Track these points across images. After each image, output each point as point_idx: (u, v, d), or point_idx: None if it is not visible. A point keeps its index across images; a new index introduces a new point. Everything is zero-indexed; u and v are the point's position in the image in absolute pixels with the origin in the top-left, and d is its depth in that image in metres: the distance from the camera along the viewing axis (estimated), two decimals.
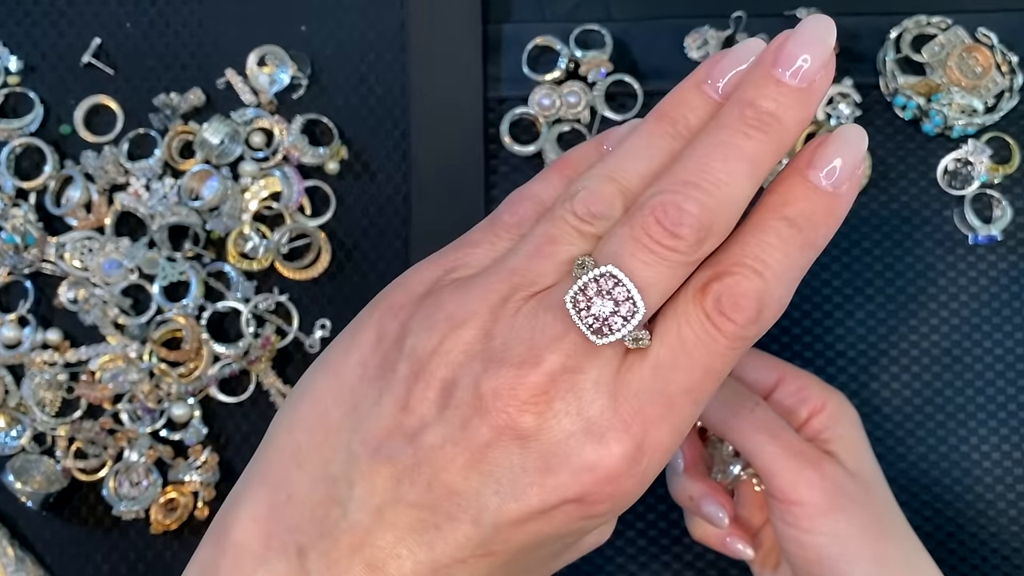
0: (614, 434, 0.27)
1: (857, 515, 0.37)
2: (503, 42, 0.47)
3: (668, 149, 0.29)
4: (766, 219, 0.28)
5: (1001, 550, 0.46)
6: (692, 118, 0.29)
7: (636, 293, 0.26)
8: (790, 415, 0.40)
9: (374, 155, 0.47)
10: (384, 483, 0.27)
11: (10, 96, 0.47)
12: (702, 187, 0.27)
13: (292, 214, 0.46)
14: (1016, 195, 0.46)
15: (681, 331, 0.27)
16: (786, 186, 0.28)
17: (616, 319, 0.27)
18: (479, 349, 0.27)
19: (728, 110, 0.28)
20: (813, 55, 0.27)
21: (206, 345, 0.45)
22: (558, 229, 0.28)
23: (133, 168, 0.46)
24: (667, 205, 0.26)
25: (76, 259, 0.46)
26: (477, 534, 0.27)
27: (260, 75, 0.47)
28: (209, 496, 0.45)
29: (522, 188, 0.31)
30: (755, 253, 0.27)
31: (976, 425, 0.46)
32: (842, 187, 0.28)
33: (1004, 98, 0.46)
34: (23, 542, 0.46)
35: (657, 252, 0.27)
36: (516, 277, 0.28)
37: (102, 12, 0.48)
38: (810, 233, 0.28)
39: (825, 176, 0.28)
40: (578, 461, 0.27)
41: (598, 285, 0.27)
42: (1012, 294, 0.46)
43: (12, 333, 0.46)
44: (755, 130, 0.27)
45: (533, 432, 0.27)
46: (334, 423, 0.28)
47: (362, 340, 0.29)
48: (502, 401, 0.27)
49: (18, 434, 0.46)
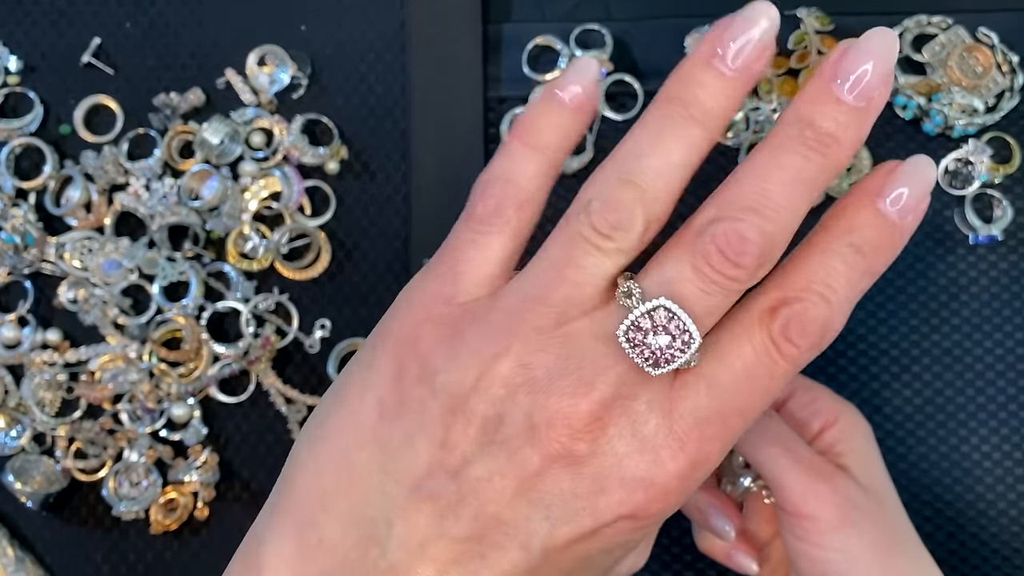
0: (669, 452, 0.27)
1: (868, 530, 0.36)
2: (503, 42, 0.47)
3: (684, 136, 0.27)
4: (833, 244, 0.27)
5: (1002, 550, 0.46)
6: (705, 97, 0.27)
7: (692, 326, 0.26)
8: (802, 428, 0.39)
9: (374, 155, 0.47)
10: (426, 520, 0.27)
11: (10, 96, 0.47)
12: (763, 213, 0.26)
13: (292, 214, 0.46)
14: (1017, 195, 0.46)
15: (743, 354, 0.27)
16: (854, 212, 0.28)
17: (672, 351, 0.26)
18: (520, 382, 0.26)
19: (786, 129, 0.27)
20: (873, 70, 0.26)
21: (206, 345, 0.45)
22: (577, 249, 0.27)
23: (133, 168, 0.46)
24: (729, 234, 0.26)
25: (76, 259, 0.46)
26: (525, 559, 0.27)
27: (260, 75, 0.47)
28: (209, 496, 0.45)
29: (487, 170, 0.29)
30: (822, 279, 0.27)
31: (976, 425, 0.46)
32: (907, 217, 0.28)
33: (1005, 98, 0.46)
34: (23, 542, 0.46)
35: (718, 283, 0.26)
36: (541, 306, 0.27)
37: (102, 12, 0.48)
38: (874, 261, 0.27)
39: (891, 204, 0.27)
40: (632, 480, 0.27)
41: (652, 320, 0.26)
42: (1012, 294, 0.46)
43: (12, 333, 0.46)
44: (814, 152, 0.26)
45: (587, 458, 0.26)
46: (360, 466, 0.28)
47: (378, 377, 0.28)
48: (556, 431, 0.26)
49: (18, 434, 0.45)
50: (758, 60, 0.27)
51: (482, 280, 0.28)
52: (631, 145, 0.27)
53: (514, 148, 0.29)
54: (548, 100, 0.28)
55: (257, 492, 0.46)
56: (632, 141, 0.27)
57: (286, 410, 0.46)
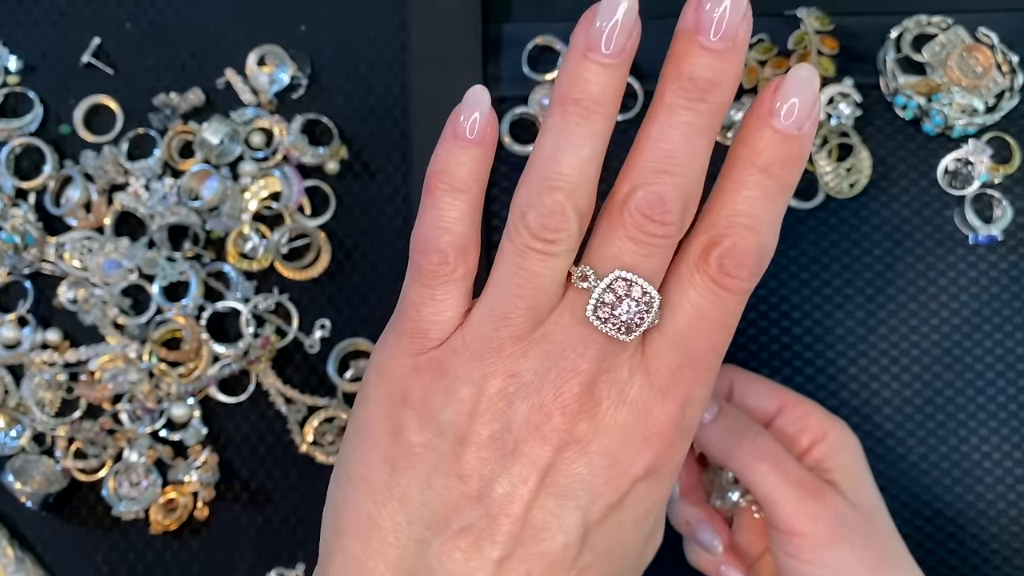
0: (658, 406, 0.29)
1: (859, 547, 0.36)
2: (503, 42, 0.47)
3: (587, 132, 0.28)
4: (744, 174, 0.28)
5: (1001, 550, 0.46)
6: (594, 90, 0.28)
7: (650, 287, 0.28)
8: (791, 443, 0.40)
9: (374, 155, 0.47)
10: (465, 554, 0.28)
11: (10, 96, 0.47)
12: (673, 171, 0.28)
13: (292, 214, 0.46)
14: (1016, 195, 0.46)
15: (691, 299, 0.28)
16: (754, 136, 0.29)
17: (639, 315, 0.28)
18: (513, 391, 0.28)
19: (668, 89, 0.28)
20: (730, 8, 0.28)
21: (206, 345, 0.45)
22: (527, 259, 0.28)
23: (133, 168, 0.46)
24: (649, 199, 0.27)
25: (76, 259, 0.46)
26: (566, 555, 0.28)
27: (260, 75, 0.47)
28: (209, 496, 0.45)
29: (420, 223, 0.30)
30: (744, 210, 0.28)
31: (976, 425, 0.46)
32: (804, 126, 0.28)
33: (1004, 98, 0.46)
34: (23, 542, 0.46)
35: (653, 243, 0.28)
36: (511, 319, 0.28)
37: (102, 12, 0.48)
38: (785, 178, 0.29)
39: (785, 118, 0.28)
40: (635, 442, 0.29)
41: (614, 292, 0.28)
42: (1012, 294, 0.46)
43: (12, 333, 0.46)
44: (699, 101, 0.28)
45: (591, 436, 0.28)
46: (386, 524, 0.29)
47: (377, 439, 0.29)
48: (555, 421, 0.28)
49: (18, 434, 0.45)
50: (628, 39, 0.28)
51: (447, 326, 0.29)
52: (545, 152, 0.28)
53: (437, 196, 0.29)
54: (452, 140, 0.29)
55: (257, 492, 0.46)
56: (544, 147, 0.29)
57: (286, 410, 0.46)
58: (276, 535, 0.46)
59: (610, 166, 0.29)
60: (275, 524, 0.46)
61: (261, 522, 0.46)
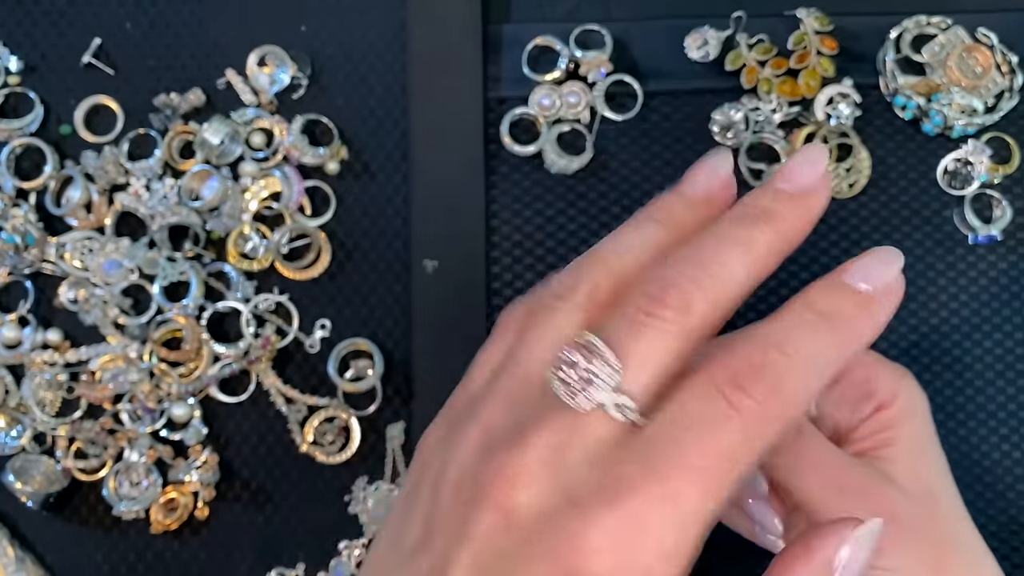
0: (595, 508, 0.25)
1: (913, 545, 0.33)
2: (503, 42, 0.47)
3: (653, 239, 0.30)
4: (789, 307, 0.28)
5: (1001, 549, 0.46)
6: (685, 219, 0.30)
7: (611, 355, 0.26)
8: (852, 410, 0.36)
9: (374, 155, 0.47)
10: None
11: (10, 96, 0.47)
12: (686, 265, 0.28)
13: (292, 214, 0.47)
14: (1016, 195, 0.46)
15: (685, 404, 0.26)
16: (816, 288, 0.28)
17: (597, 385, 0.26)
18: (480, 443, 0.27)
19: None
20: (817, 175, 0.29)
21: (206, 345, 0.45)
22: (536, 317, 0.29)
23: (133, 168, 0.46)
24: (654, 283, 0.27)
25: (76, 259, 0.46)
26: None
27: (260, 75, 0.47)
28: (209, 496, 0.45)
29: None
30: (777, 338, 0.27)
31: (976, 425, 0.46)
32: (879, 295, 0.28)
33: (1004, 98, 0.46)
34: (23, 542, 0.46)
35: (645, 323, 0.26)
36: (509, 369, 0.28)
37: (102, 12, 0.48)
38: (842, 327, 0.27)
39: (858, 280, 0.28)
40: (563, 536, 0.25)
41: (581, 354, 0.26)
42: (1012, 294, 0.46)
43: (12, 333, 0.46)
44: (751, 220, 0.28)
45: (523, 510, 0.25)
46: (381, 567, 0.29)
47: (405, 497, 0.30)
48: (496, 486, 0.26)
49: (18, 434, 0.46)
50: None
51: None
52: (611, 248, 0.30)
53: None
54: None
55: (257, 492, 0.46)
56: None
57: (286, 410, 0.46)
58: (276, 535, 0.46)
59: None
60: (275, 524, 0.46)
61: (261, 522, 0.46)
